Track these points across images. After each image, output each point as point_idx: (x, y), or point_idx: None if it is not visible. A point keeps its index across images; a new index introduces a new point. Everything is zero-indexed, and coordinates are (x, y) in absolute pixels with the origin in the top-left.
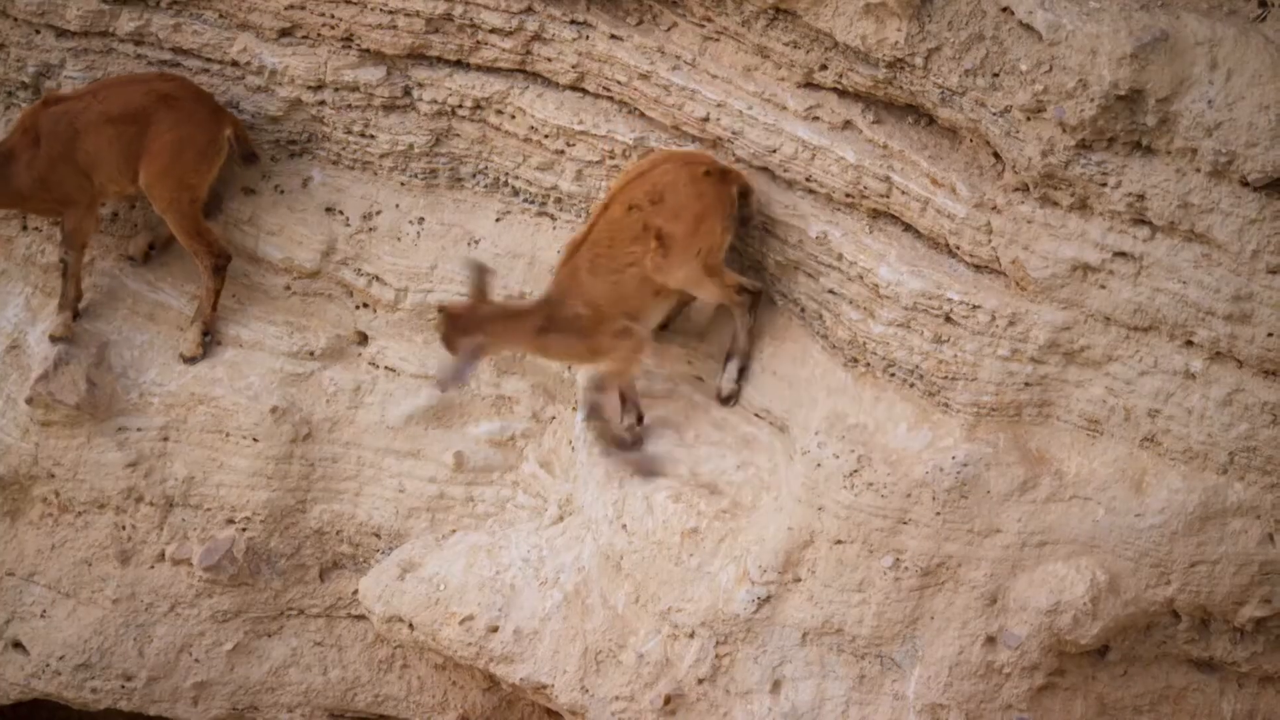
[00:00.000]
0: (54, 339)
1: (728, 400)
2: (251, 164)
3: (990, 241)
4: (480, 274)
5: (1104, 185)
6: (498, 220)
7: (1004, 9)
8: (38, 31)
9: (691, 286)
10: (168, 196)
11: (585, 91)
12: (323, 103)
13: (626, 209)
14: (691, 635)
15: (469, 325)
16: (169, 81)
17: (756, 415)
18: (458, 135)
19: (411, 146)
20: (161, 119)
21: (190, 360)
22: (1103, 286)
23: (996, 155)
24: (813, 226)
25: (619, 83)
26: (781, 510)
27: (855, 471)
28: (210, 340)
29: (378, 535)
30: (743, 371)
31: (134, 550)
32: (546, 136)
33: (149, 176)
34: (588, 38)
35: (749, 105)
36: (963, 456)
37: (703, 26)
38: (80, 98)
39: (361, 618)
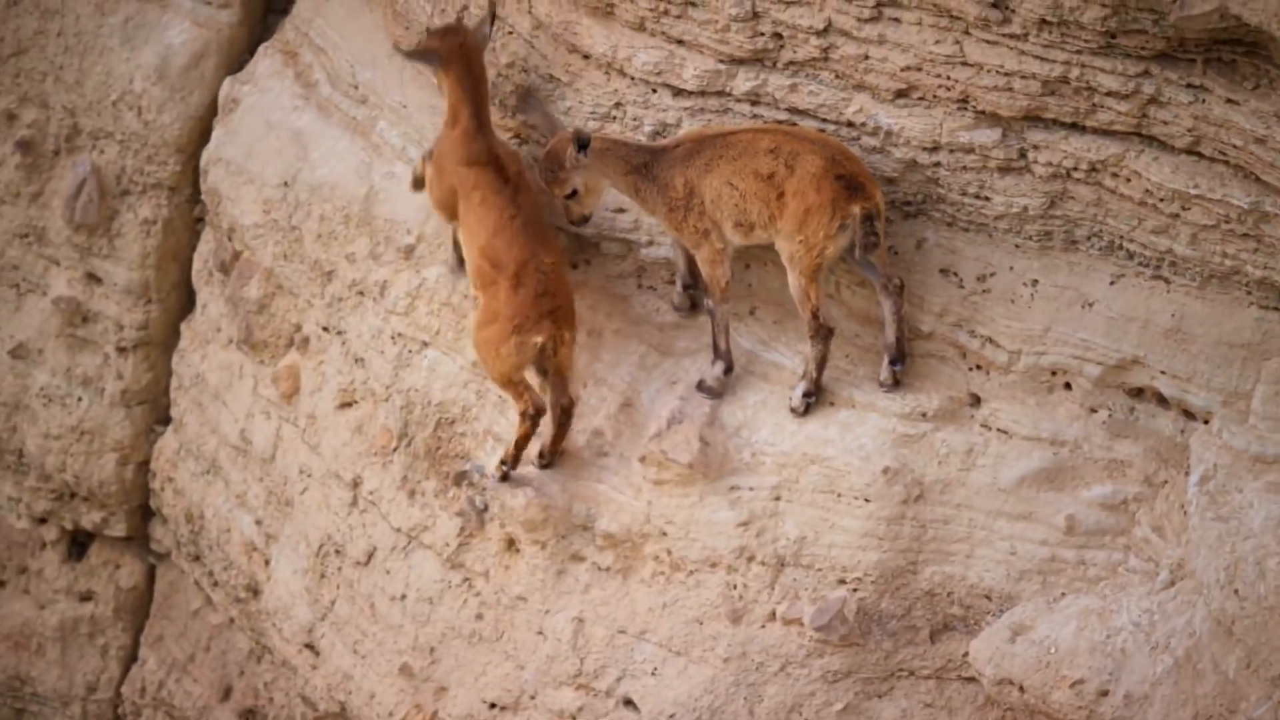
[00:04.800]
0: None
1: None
2: None
3: None
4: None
5: None
6: (1112, 283)
7: None
8: (654, 90)
9: (785, 258)
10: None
11: (1200, 155)
12: (938, 164)
13: (771, 150)
14: None
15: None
16: None
17: None
18: (1072, 198)
19: (1026, 209)
20: None
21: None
22: None
23: None
24: None
25: (1235, 146)
26: None
27: None
28: (813, 400)
29: (988, 597)
30: (808, 395)
31: (745, 609)
32: (1161, 200)
33: None
34: (1204, 101)
35: None
36: None
37: None
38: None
39: (971, 680)
